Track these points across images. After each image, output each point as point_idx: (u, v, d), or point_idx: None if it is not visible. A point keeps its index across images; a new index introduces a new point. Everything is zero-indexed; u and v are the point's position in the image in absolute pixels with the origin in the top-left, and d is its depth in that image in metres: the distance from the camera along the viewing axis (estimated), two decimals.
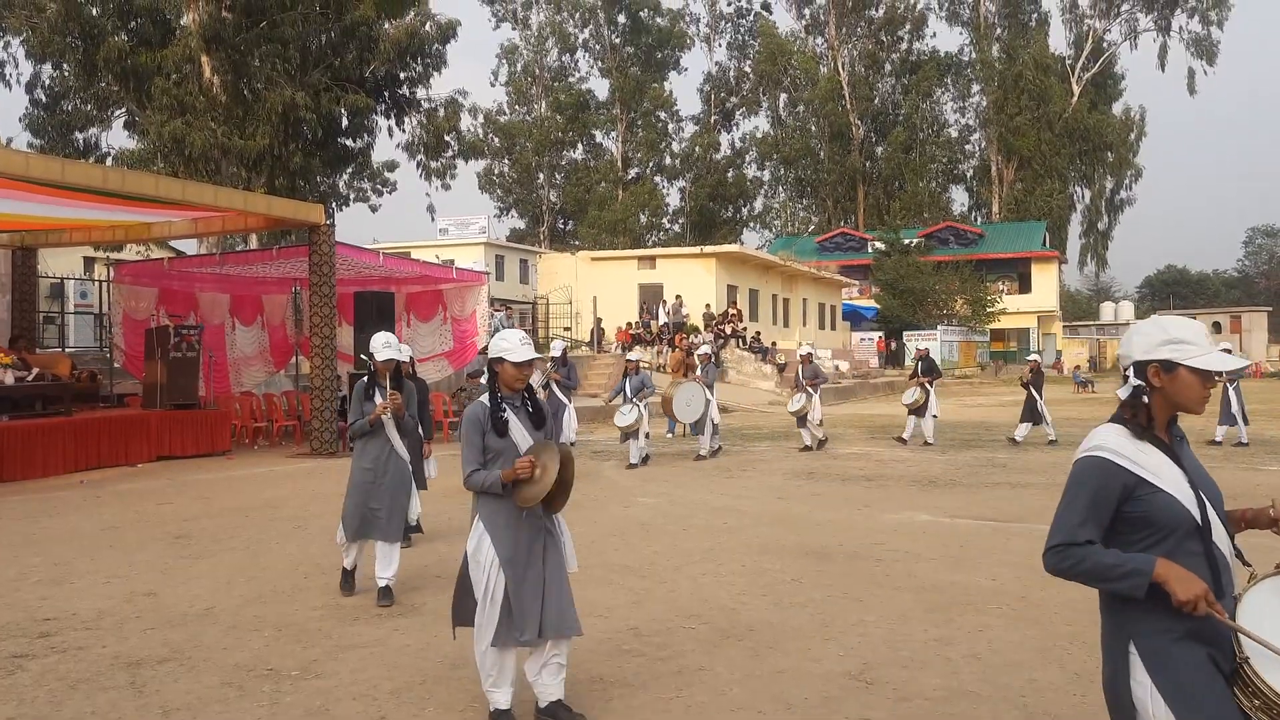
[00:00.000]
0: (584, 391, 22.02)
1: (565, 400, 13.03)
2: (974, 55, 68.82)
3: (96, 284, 25.65)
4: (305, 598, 6.76)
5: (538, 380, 13.30)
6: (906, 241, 53.19)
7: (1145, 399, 2.69)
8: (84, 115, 28.42)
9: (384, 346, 6.83)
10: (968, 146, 72.80)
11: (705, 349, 16.85)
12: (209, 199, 14.52)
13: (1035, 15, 68.77)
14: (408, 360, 8.36)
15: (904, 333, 46.90)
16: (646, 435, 14.58)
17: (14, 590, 6.93)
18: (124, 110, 28.04)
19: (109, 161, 27.65)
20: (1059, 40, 74.98)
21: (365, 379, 6.86)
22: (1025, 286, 57.30)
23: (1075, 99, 65.36)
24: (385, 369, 6.81)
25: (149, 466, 14.35)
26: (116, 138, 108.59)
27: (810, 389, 16.30)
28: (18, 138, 28.44)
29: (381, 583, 6.63)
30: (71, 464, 13.58)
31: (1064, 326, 62.93)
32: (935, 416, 17.39)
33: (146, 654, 5.48)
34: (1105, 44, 67.96)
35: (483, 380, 11.23)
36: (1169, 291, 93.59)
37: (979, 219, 69.26)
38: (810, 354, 17.47)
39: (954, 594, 6.87)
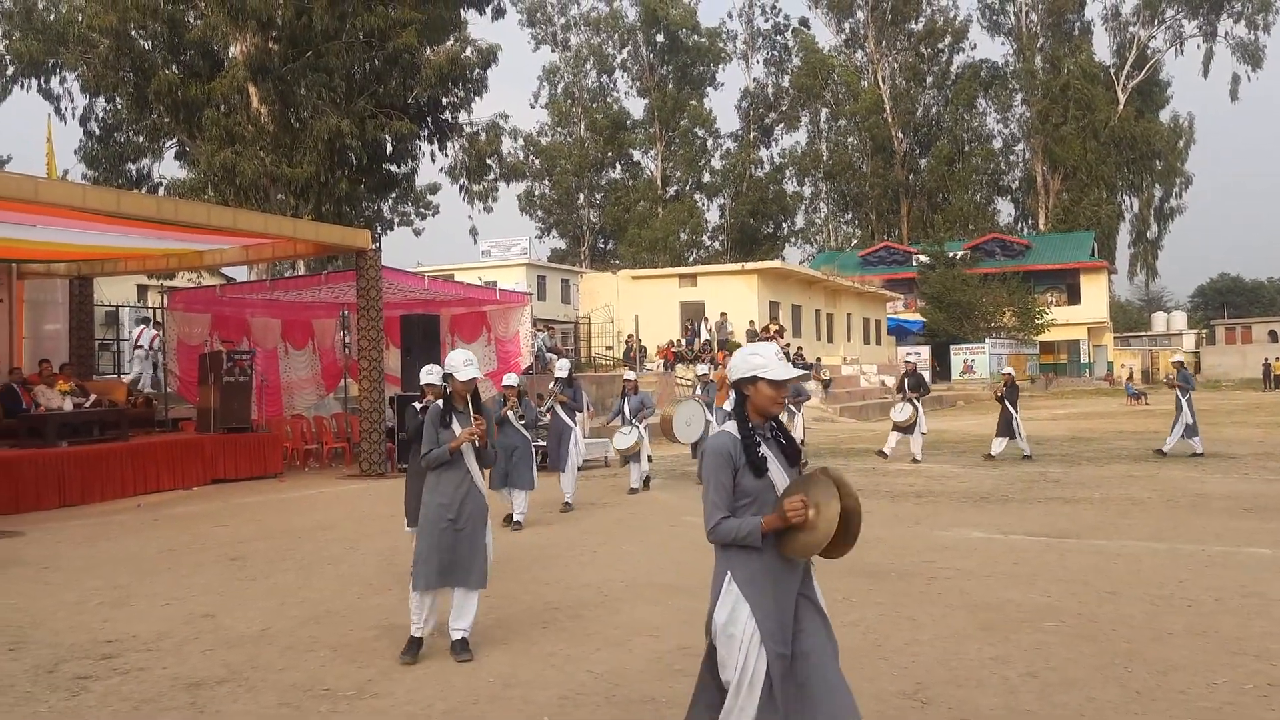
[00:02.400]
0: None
1: (571, 423, 12.19)
2: (1017, 65, 68.32)
3: (151, 311, 26.19)
4: (359, 618, 6.83)
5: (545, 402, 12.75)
6: (952, 254, 52.75)
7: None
8: (136, 147, 29.10)
9: (465, 365, 5.97)
10: (1012, 157, 72.24)
11: (703, 368, 16.28)
12: (259, 226, 14.80)
13: (1078, 24, 68.19)
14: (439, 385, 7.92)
15: (951, 346, 46.43)
16: (649, 458, 13.99)
17: (76, 613, 7.08)
18: (175, 141, 28.68)
19: (161, 191, 28.28)
20: (1102, 48, 74.12)
21: (441, 403, 6.03)
22: (1074, 297, 56.54)
23: (1121, 107, 64.62)
24: (466, 390, 6.00)
25: (203, 489, 14.58)
26: (168, 168, 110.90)
27: (793, 407, 15.76)
28: (73, 170, 29.18)
29: (456, 634, 5.90)
30: (129, 488, 13.83)
31: (1115, 337, 62.03)
32: (923, 433, 16.99)
33: (206, 675, 5.58)
34: (1150, 51, 67.16)
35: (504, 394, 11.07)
36: (1222, 300, 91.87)
37: (1025, 230, 68.55)
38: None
39: (1009, 612, 6.79)
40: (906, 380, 17.23)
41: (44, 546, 9.93)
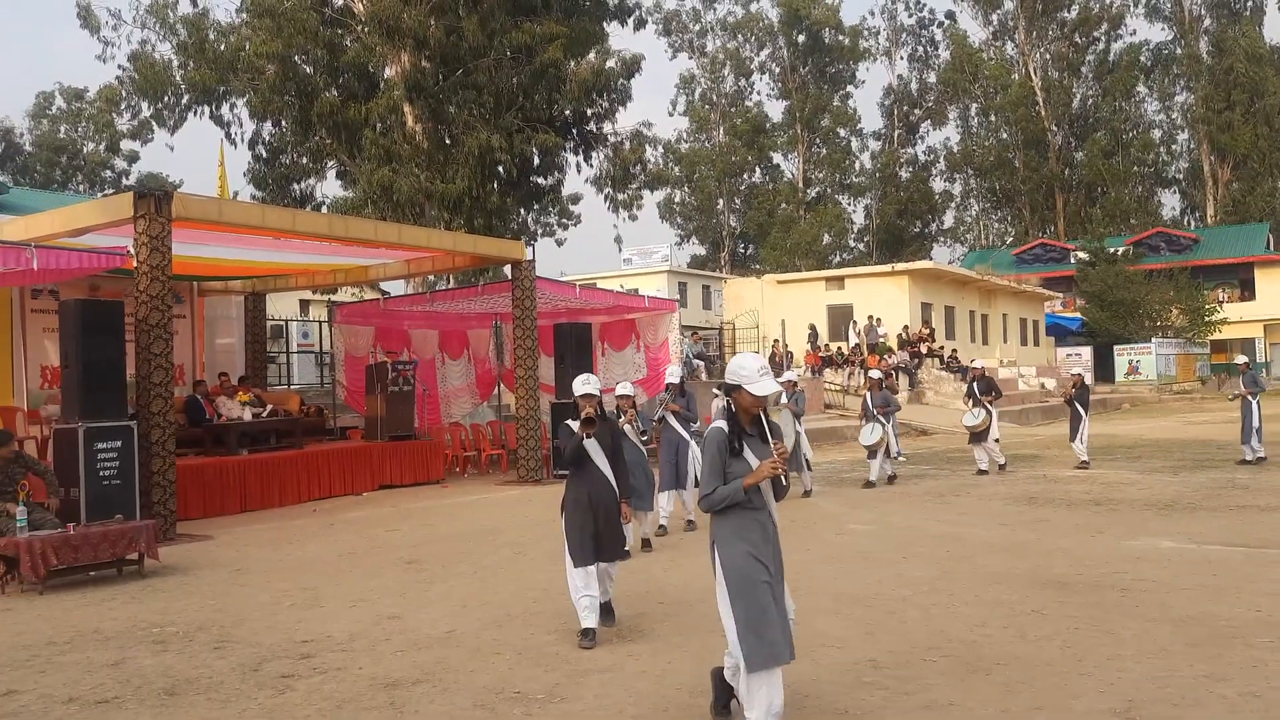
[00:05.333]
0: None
1: (685, 435, 10.96)
2: (1179, 51, 64.86)
3: (316, 324, 27.40)
4: (538, 621, 6.90)
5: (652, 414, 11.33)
6: (1113, 250, 50.34)
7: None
8: (301, 168, 30.52)
9: (760, 373, 4.42)
10: (1174, 147, 68.55)
11: (790, 375, 15.12)
12: (422, 240, 15.29)
13: (1249, 3, 64.28)
14: (599, 395, 6.82)
15: (1115, 347, 44.30)
16: None
17: (272, 614, 7.38)
18: (335, 161, 29.92)
19: (324, 209, 29.55)
20: (1274, 28, 69.60)
21: (725, 424, 4.49)
22: (1248, 293, 53.20)
23: None
24: (759, 407, 4.47)
25: (372, 495, 15.10)
26: (330, 187, 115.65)
27: (882, 418, 14.75)
28: (242, 191, 30.84)
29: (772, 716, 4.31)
30: (304, 493, 14.44)
31: None
32: (998, 440, 15.97)
33: (400, 675, 5.72)
34: None
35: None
36: None
37: (1192, 223, 64.95)
38: (881, 378, 15.92)
39: (1216, 626, 6.37)
40: (976, 384, 16.21)
41: (233, 549, 10.44)
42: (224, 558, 9.92)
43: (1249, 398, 16.18)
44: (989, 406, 15.88)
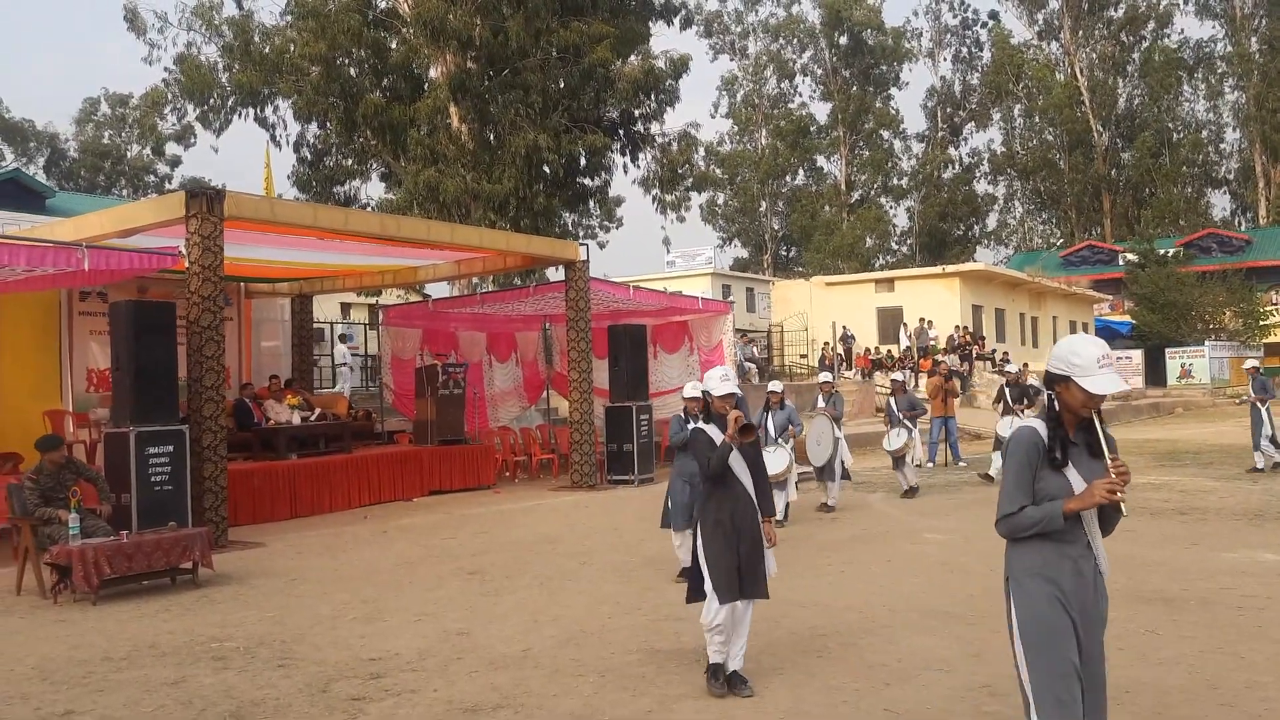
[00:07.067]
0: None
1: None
2: (1229, 48, 63.45)
3: (362, 327, 27.23)
4: (616, 640, 6.51)
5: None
6: (1162, 252, 49.22)
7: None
8: (345, 170, 30.39)
9: (1101, 365, 3.35)
10: (1223, 146, 67.07)
11: (826, 376, 14.12)
12: (475, 240, 14.98)
13: None
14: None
15: (1166, 350, 43.23)
16: (796, 485, 11.82)
17: (333, 628, 7.05)
18: (380, 162, 29.77)
19: (370, 210, 29.39)
20: None
21: (1045, 427, 3.45)
22: None
23: None
24: (1093, 408, 3.41)
25: (423, 500, 14.79)
26: (375, 189, 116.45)
27: (908, 423, 13.88)
28: (287, 194, 30.71)
29: None
30: (354, 499, 14.15)
31: None
32: None
33: (479, 700, 5.34)
34: None
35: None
36: None
37: (1243, 224, 63.51)
38: (903, 381, 15.02)
39: None
40: (1008, 391, 15.27)
41: (287, 558, 10.14)
42: (278, 566, 9.62)
43: (1258, 404, 15.59)
44: (1022, 416, 15.22)
